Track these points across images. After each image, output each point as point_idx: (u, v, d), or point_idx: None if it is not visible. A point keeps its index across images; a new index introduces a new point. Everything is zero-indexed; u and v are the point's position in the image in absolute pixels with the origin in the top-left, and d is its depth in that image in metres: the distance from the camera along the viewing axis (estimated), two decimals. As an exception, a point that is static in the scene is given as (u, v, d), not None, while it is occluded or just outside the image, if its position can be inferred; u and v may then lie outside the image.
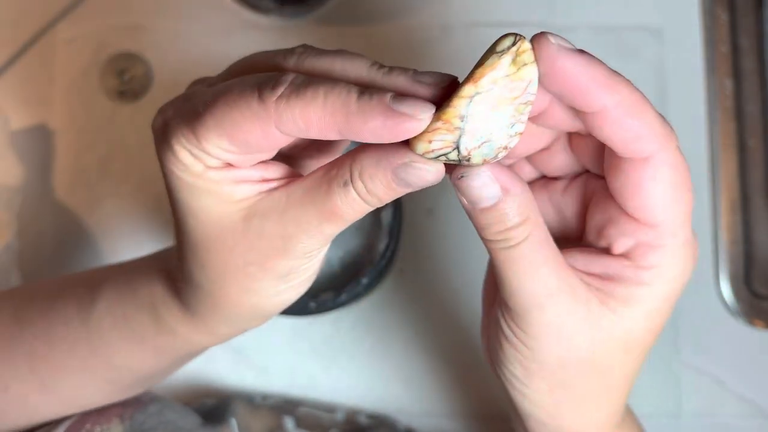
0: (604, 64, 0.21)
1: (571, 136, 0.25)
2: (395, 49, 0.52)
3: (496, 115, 0.20)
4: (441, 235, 0.50)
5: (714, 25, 0.52)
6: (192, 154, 0.23)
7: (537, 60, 0.20)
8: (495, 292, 0.28)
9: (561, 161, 0.26)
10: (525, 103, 0.21)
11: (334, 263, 0.45)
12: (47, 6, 0.52)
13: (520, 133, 0.21)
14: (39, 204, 0.51)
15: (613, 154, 0.23)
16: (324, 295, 0.43)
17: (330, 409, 0.47)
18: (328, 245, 0.27)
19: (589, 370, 0.25)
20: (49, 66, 0.52)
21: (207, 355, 0.48)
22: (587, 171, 0.26)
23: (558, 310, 0.24)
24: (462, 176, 0.22)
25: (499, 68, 0.20)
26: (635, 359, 0.25)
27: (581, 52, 0.21)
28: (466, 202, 0.23)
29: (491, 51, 0.20)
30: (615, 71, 0.21)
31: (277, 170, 0.24)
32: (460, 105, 0.20)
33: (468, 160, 0.21)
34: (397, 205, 0.41)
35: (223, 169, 0.23)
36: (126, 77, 0.51)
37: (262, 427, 0.42)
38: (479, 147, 0.21)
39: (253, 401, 0.45)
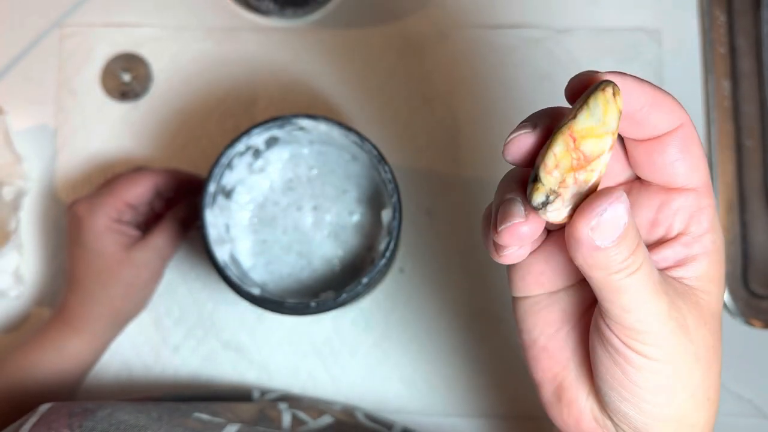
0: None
1: None
2: (393, 51, 0.52)
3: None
4: (441, 235, 0.50)
5: (712, 27, 0.52)
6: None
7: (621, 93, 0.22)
8: (552, 360, 0.27)
9: None
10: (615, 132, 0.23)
11: (334, 263, 0.45)
12: (48, 7, 0.53)
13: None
14: (40, 204, 0.51)
15: (643, 145, 0.24)
16: (324, 295, 0.43)
17: (329, 402, 0.47)
18: None
19: (700, 367, 0.25)
20: (50, 66, 0.52)
21: (208, 354, 0.49)
22: None
23: (677, 317, 0.23)
24: (606, 210, 0.21)
25: (618, 113, 0.22)
26: (719, 338, 0.26)
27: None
28: (595, 241, 0.21)
29: (600, 100, 0.22)
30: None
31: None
32: (605, 157, 0.22)
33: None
34: (397, 205, 0.41)
35: None
36: (127, 77, 0.51)
37: (254, 410, 0.42)
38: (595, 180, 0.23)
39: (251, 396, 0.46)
